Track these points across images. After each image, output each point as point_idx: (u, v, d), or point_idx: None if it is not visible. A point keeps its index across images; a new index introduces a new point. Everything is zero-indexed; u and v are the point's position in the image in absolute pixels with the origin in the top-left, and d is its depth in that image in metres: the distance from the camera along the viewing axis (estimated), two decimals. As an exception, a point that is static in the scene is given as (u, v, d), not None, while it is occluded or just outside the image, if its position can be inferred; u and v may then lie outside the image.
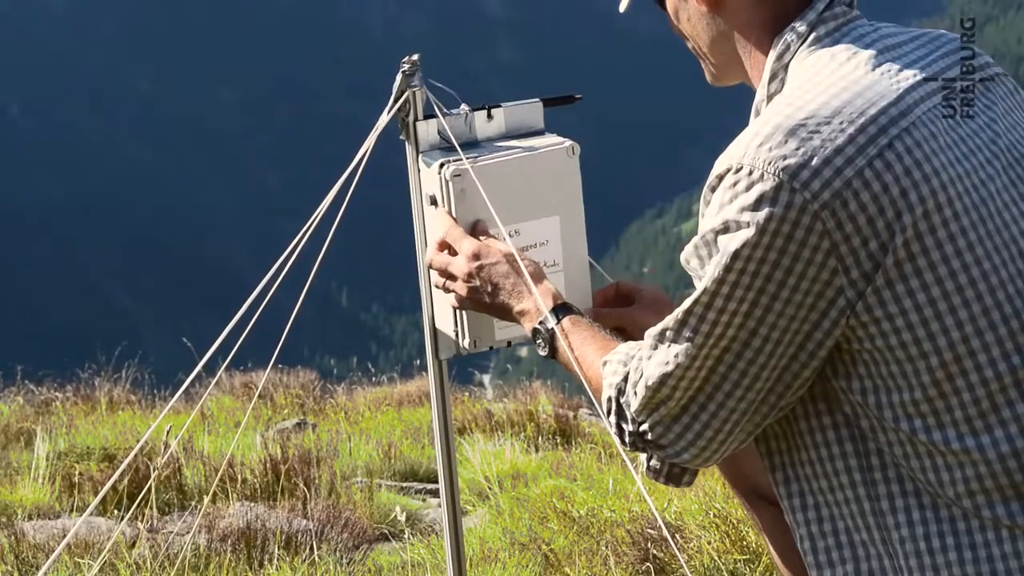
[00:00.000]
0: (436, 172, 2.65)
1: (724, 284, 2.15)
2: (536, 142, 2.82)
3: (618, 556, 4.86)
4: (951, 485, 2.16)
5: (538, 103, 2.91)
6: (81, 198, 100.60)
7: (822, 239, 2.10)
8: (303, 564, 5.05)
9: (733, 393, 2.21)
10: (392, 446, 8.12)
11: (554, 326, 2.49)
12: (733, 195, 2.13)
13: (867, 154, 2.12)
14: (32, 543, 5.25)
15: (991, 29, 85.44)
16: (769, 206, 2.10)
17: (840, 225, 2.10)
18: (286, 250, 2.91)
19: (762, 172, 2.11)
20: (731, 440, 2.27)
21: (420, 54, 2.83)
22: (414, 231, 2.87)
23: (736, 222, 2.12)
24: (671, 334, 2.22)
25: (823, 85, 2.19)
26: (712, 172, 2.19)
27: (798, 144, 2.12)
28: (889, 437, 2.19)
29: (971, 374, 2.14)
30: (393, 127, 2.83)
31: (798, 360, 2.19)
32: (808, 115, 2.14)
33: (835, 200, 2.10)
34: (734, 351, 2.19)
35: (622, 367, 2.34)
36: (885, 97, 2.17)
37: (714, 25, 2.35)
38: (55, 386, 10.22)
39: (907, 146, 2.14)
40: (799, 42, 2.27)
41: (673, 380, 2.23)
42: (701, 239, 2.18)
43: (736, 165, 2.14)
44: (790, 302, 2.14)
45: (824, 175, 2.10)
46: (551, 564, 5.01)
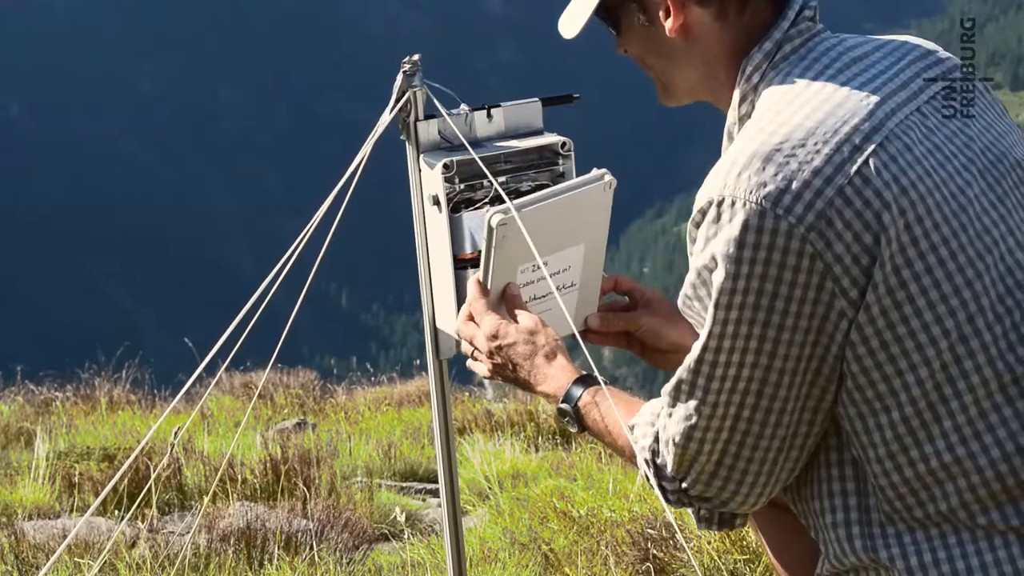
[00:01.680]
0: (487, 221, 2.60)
1: (727, 323, 2.14)
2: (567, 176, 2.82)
3: (618, 556, 4.86)
4: (943, 499, 2.17)
5: (537, 103, 2.91)
6: (81, 198, 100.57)
7: (814, 261, 2.10)
8: (303, 564, 5.05)
9: (763, 432, 2.21)
10: (392, 446, 8.11)
11: (577, 404, 2.47)
12: (717, 228, 2.12)
13: (845, 172, 2.11)
14: (32, 543, 5.25)
15: (991, 29, 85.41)
16: (756, 235, 2.09)
17: (829, 245, 2.09)
18: (286, 250, 2.91)
19: (744, 201, 2.10)
20: (775, 478, 2.26)
21: (420, 54, 2.83)
22: (414, 231, 2.87)
23: (725, 255, 2.11)
24: (686, 387, 2.21)
25: (794, 107, 2.18)
26: (694, 207, 2.18)
27: (776, 169, 2.11)
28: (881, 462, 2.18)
29: (959, 381, 2.14)
30: (393, 127, 2.83)
31: (818, 385, 2.18)
32: (783, 139, 2.13)
33: (820, 221, 2.09)
34: (753, 391, 2.18)
35: (650, 428, 2.33)
36: (857, 114, 2.17)
37: (681, 52, 2.33)
38: (55, 386, 10.22)
39: (883, 161, 2.13)
40: (766, 61, 2.26)
41: (699, 432, 2.22)
42: (697, 278, 2.17)
43: (717, 198, 2.13)
44: (796, 329, 2.13)
45: (805, 198, 2.09)
46: (551, 564, 5.01)
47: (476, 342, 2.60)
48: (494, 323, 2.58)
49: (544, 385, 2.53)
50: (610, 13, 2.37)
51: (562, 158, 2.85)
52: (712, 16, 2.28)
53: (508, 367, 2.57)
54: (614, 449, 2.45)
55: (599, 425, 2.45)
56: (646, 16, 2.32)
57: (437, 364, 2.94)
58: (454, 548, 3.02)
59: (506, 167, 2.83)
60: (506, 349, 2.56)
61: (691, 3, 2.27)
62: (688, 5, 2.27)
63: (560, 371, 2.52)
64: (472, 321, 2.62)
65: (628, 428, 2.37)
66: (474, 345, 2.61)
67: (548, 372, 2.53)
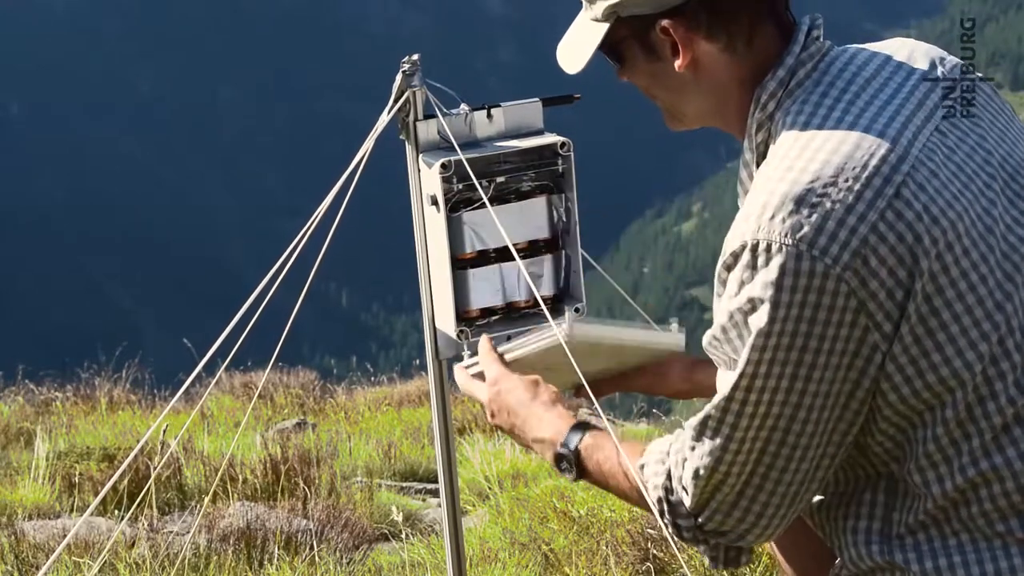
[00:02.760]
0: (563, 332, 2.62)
1: (761, 363, 2.14)
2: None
3: (618, 556, 4.86)
4: (966, 506, 2.19)
5: (537, 103, 2.91)
6: (81, 198, 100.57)
7: (848, 299, 2.10)
8: (303, 564, 5.05)
9: (788, 467, 2.21)
10: (392, 446, 8.11)
11: (577, 448, 2.44)
12: (753, 272, 2.12)
13: (877, 207, 2.11)
14: (32, 543, 5.25)
15: (991, 29, 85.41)
16: (793, 278, 2.09)
17: (864, 283, 2.10)
18: (286, 250, 2.91)
19: (780, 244, 2.10)
20: (793, 509, 2.27)
21: (420, 54, 2.83)
22: (414, 231, 2.87)
23: (761, 298, 2.11)
24: (714, 423, 2.21)
25: (817, 141, 2.17)
26: (725, 251, 2.17)
27: (809, 210, 2.11)
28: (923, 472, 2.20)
29: (989, 402, 2.17)
30: (393, 127, 2.83)
31: (844, 420, 2.19)
32: (812, 177, 2.13)
33: (855, 260, 2.10)
34: (781, 427, 2.18)
35: (661, 466, 2.32)
36: (882, 144, 2.16)
37: (690, 84, 2.31)
38: (55, 386, 10.21)
39: (913, 191, 2.14)
40: (781, 89, 2.26)
41: (724, 467, 2.22)
42: (729, 321, 2.16)
43: (751, 241, 2.12)
44: (828, 366, 2.14)
45: (840, 237, 2.10)
46: (551, 564, 5.01)
47: (477, 392, 2.60)
48: (496, 372, 2.59)
49: (540, 431, 2.50)
50: (613, 48, 2.35)
51: (562, 158, 2.85)
52: (720, 49, 2.26)
53: (505, 414, 2.55)
54: (618, 492, 2.42)
55: (600, 469, 2.42)
56: (651, 53, 2.31)
57: (437, 364, 2.94)
58: (454, 548, 3.02)
59: (505, 167, 2.83)
60: (505, 395, 2.55)
61: (699, 38, 2.26)
62: (696, 40, 2.26)
63: (558, 418, 2.50)
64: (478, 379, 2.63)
65: (638, 468, 2.35)
66: (475, 397, 2.61)
67: (545, 418, 2.51)
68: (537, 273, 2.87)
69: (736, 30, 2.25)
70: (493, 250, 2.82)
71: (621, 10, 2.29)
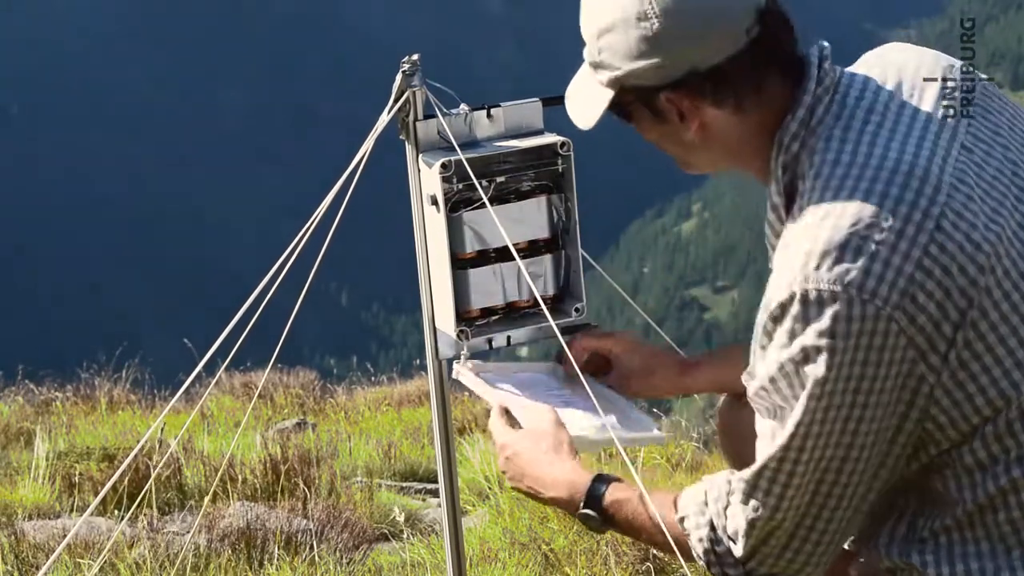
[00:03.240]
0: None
1: (817, 411, 2.15)
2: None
3: (618, 556, 4.86)
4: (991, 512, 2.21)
5: (537, 103, 2.91)
6: (81, 198, 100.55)
7: (899, 337, 2.12)
8: (303, 564, 5.04)
9: (839, 505, 2.23)
10: (392, 446, 8.10)
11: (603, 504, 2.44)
12: (805, 322, 2.13)
13: (920, 243, 2.12)
14: (32, 543, 5.25)
15: (991, 29, 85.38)
16: (846, 324, 2.11)
17: (913, 319, 2.12)
18: (286, 250, 2.91)
19: (829, 292, 2.11)
20: (841, 543, 2.29)
21: (420, 54, 2.83)
22: (414, 231, 2.87)
23: (816, 347, 2.12)
24: (770, 473, 2.22)
25: (851, 182, 2.17)
26: (771, 302, 2.17)
27: (854, 255, 2.11)
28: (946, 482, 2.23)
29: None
30: (393, 127, 2.83)
31: (892, 453, 2.22)
32: (853, 221, 2.13)
33: (904, 299, 2.11)
34: (835, 468, 2.19)
35: (702, 517, 2.33)
36: (914, 176, 2.16)
37: (699, 145, 2.31)
38: (55, 386, 10.21)
39: (952, 221, 2.14)
40: (803, 129, 2.24)
41: (780, 514, 2.23)
42: (779, 371, 2.17)
43: (800, 292, 2.13)
44: (879, 404, 2.15)
45: (888, 278, 2.11)
46: (551, 564, 5.01)
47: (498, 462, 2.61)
48: (502, 435, 2.60)
49: (553, 491, 2.50)
50: (620, 110, 2.35)
51: (561, 158, 2.85)
52: (730, 112, 2.26)
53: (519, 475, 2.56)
54: (650, 543, 2.43)
55: (631, 523, 2.42)
56: (658, 116, 2.30)
57: (437, 364, 2.94)
58: (454, 548, 3.02)
59: (505, 167, 2.83)
60: (513, 457, 2.56)
61: (705, 105, 2.25)
62: (702, 108, 2.26)
63: (569, 472, 2.49)
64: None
65: (678, 521, 2.36)
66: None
67: (555, 476, 2.50)
68: (537, 273, 2.87)
69: (742, 91, 2.24)
70: (493, 250, 2.83)
71: (624, 81, 2.29)
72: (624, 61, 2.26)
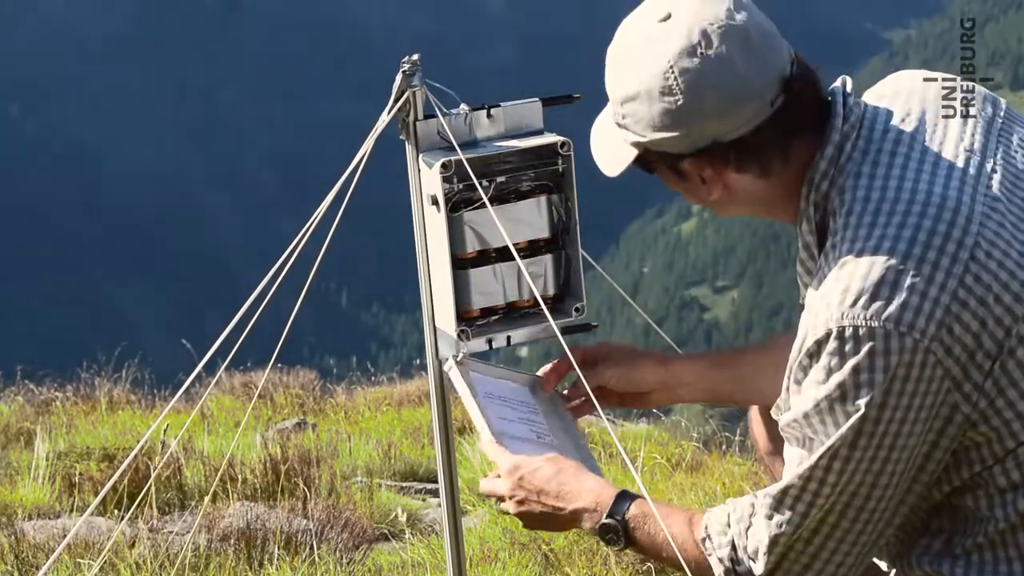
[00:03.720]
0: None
1: (848, 436, 2.15)
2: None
3: (618, 556, 4.86)
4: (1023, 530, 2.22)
5: (537, 103, 2.91)
6: (82, 198, 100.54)
7: (935, 369, 2.12)
8: (303, 564, 5.04)
9: (864, 529, 2.23)
10: (392, 446, 8.10)
11: (625, 517, 2.41)
12: (842, 359, 2.13)
13: (955, 274, 2.12)
14: (32, 543, 5.25)
15: (991, 29, 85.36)
16: (884, 358, 2.11)
17: (949, 351, 2.12)
18: (286, 250, 2.91)
19: (867, 327, 2.11)
20: (862, 565, 2.29)
21: (420, 54, 2.83)
22: (414, 231, 2.87)
23: (854, 383, 2.12)
24: (795, 491, 2.21)
25: (883, 217, 2.16)
26: (806, 339, 2.16)
27: (891, 289, 2.11)
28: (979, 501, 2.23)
29: None
30: (393, 127, 2.83)
31: (919, 480, 2.22)
32: (887, 256, 2.13)
33: (941, 330, 2.11)
34: (863, 494, 2.19)
35: (724, 537, 2.32)
36: (946, 207, 2.15)
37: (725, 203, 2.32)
38: (55, 386, 10.20)
39: (986, 251, 2.15)
40: (832, 167, 2.23)
41: (804, 533, 2.23)
42: (814, 408, 2.16)
43: (836, 328, 2.13)
44: (912, 434, 2.16)
45: (925, 310, 2.11)
46: (551, 564, 5.01)
47: (499, 487, 2.54)
48: (512, 458, 2.55)
49: (578, 501, 2.45)
50: (644, 165, 2.35)
51: (561, 158, 2.85)
52: (754, 176, 2.26)
53: (533, 498, 2.49)
54: (670, 562, 2.39)
55: (652, 540, 2.39)
56: (682, 178, 2.30)
57: (437, 364, 2.94)
58: (454, 548, 3.02)
59: (505, 167, 2.83)
60: (528, 477, 2.50)
61: (728, 171, 2.25)
62: (725, 174, 2.25)
63: (596, 484, 2.46)
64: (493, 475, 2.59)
65: (699, 540, 2.34)
66: (498, 494, 2.55)
67: (581, 487, 2.46)
68: (537, 273, 2.86)
69: (766, 158, 2.24)
70: (493, 250, 2.82)
71: (647, 146, 2.29)
72: (647, 130, 2.26)
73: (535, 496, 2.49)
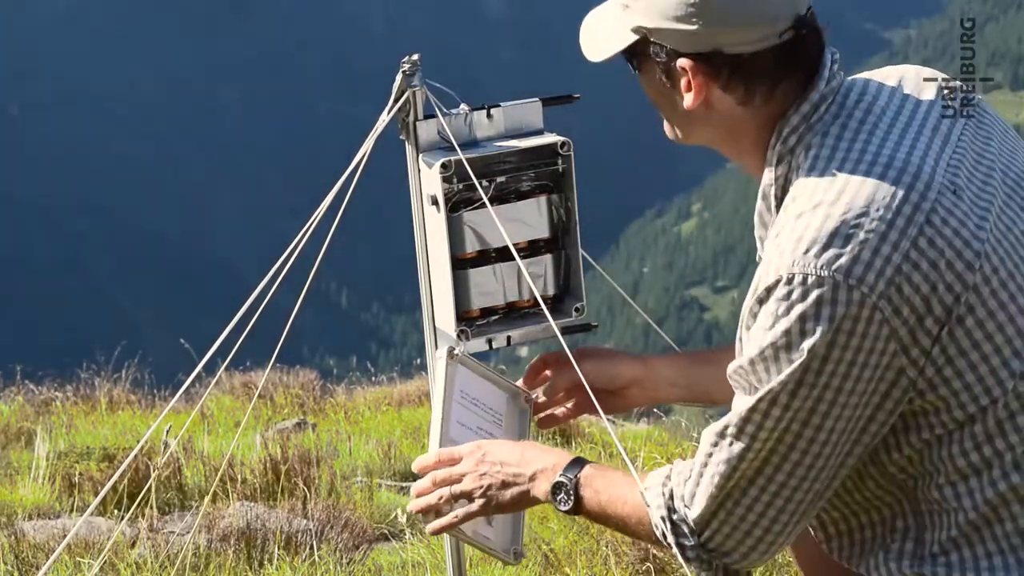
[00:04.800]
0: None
1: (790, 384, 2.16)
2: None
3: (618, 556, 4.86)
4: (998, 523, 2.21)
5: (537, 103, 2.91)
6: (81, 198, 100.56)
7: (881, 327, 2.13)
8: (303, 564, 5.04)
9: (800, 486, 2.22)
10: (392, 446, 8.10)
11: (578, 476, 2.44)
12: (789, 305, 2.14)
13: (909, 235, 2.14)
14: (32, 543, 5.25)
15: (991, 29, 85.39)
16: (831, 307, 2.12)
17: (897, 311, 2.12)
18: (286, 250, 2.91)
19: (817, 276, 2.12)
20: (797, 528, 2.28)
21: (420, 54, 2.83)
22: (414, 231, 2.87)
23: (799, 330, 2.13)
24: (733, 431, 2.22)
25: (845, 174, 2.19)
26: (758, 285, 2.18)
27: (844, 242, 2.13)
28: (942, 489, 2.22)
29: (1020, 417, 2.19)
30: (393, 127, 2.83)
31: (860, 443, 2.21)
32: (844, 210, 2.15)
33: (890, 288, 2.12)
34: (800, 448, 2.19)
35: (664, 488, 2.34)
36: (907, 172, 2.18)
37: (700, 118, 2.32)
38: (55, 386, 10.20)
39: (942, 218, 2.16)
40: (803, 123, 2.27)
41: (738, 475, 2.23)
42: (758, 354, 2.18)
43: (787, 275, 2.14)
44: (854, 392, 2.16)
45: (876, 266, 2.12)
46: (551, 564, 5.01)
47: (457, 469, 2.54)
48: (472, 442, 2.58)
49: (538, 464, 2.48)
50: (634, 56, 2.36)
51: (561, 158, 2.85)
52: (736, 101, 2.28)
53: (496, 466, 2.51)
54: (617, 521, 2.41)
55: (598, 498, 2.42)
56: (668, 78, 2.32)
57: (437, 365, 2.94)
58: (454, 548, 3.02)
59: (505, 167, 2.83)
60: (492, 451, 2.53)
61: (715, 86, 2.27)
62: (711, 87, 2.27)
63: (554, 452, 2.50)
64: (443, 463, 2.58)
65: (642, 493, 2.36)
66: (454, 478, 2.54)
67: (540, 454, 2.50)
68: (537, 273, 2.86)
69: (754, 86, 2.27)
70: (493, 250, 2.82)
71: (651, 34, 2.30)
72: (659, 18, 2.27)
73: (497, 467, 2.51)
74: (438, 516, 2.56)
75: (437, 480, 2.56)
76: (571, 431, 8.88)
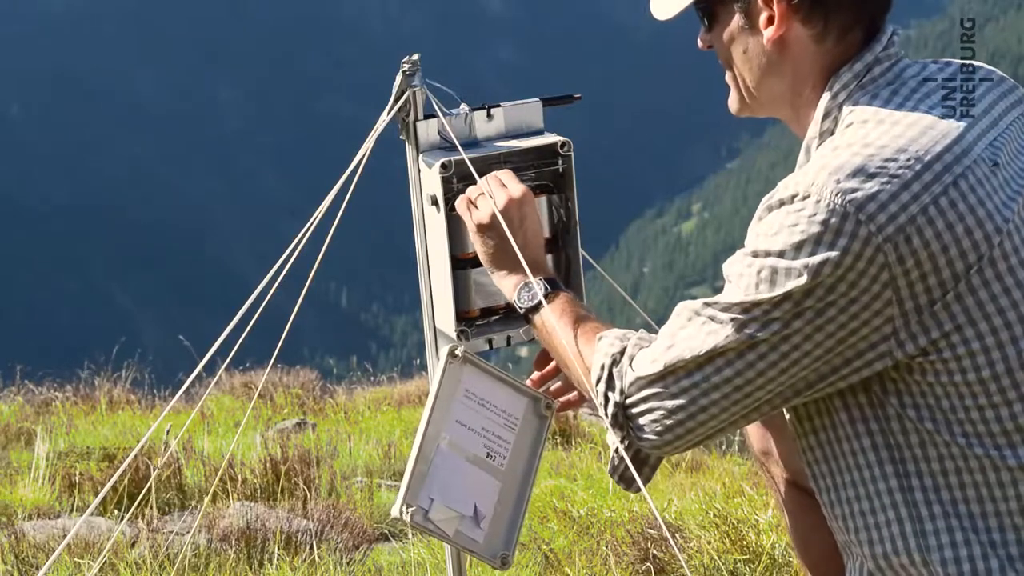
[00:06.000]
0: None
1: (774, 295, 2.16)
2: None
3: (618, 556, 4.85)
4: (1004, 500, 2.20)
5: (537, 103, 2.91)
6: (81, 198, 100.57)
7: (881, 271, 2.12)
8: (303, 564, 5.04)
9: (744, 388, 2.23)
10: (392, 446, 8.10)
11: (553, 289, 2.55)
12: (796, 220, 2.14)
13: (932, 191, 2.13)
14: (32, 543, 5.25)
15: (991, 29, 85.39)
16: (833, 235, 2.11)
17: (901, 259, 2.12)
18: (286, 250, 2.91)
19: (829, 203, 2.12)
20: (710, 435, 2.29)
21: (420, 54, 2.83)
22: (414, 231, 2.87)
23: (797, 245, 2.13)
24: (710, 313, 2.22)
25: (885, 125, 2.20)
26: (774, 193, 2.19)
27: (866, 178, 2.13)
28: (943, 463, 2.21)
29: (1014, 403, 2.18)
30: (393, 127, 2.83)
31: (816, 387, 2.22)
32: (876, 151, 2.15)
33: (899, 235, 2.11)
34: (759, 352, 2.20)
35: (618, 342, 2.36)
36: (948, 135, 2.19)
37: (773, 63, 2.34)
38: (55, 386, 10.21)
39: (970, 184, 2.16)
40: (855, 81, 2.29)
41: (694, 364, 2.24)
42: (753, 255, 2.18)
43: (803, 192, 2.14)
44: (836, 323, 2.16)
45: (890, 209, 2.12)
46: (551, 564, 5.01)
47: (499, 194, 2.64)
48: (526, 190, 2.66)
49: (536, 254, 2.62)
50: (708, 4, 2.37)
51: (562, 158, 2.85)
52: (811, 37, 2.30)
53: (518, 223, 2.62)
54: (559, 350, 2.49)
55: (556, 321, 2.50)
56: (747, 19, 2.33)
57: (438, 364, 2.94)
58: (454, 548, 3.02)
59: (505, 167, 2.82)
60: (528, 215, 2.64)
61: (795, 20, 2.28)
62: (791, 21, 2.29)
63: (550, 262, 2.64)
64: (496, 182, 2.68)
65: (596, 339, 2.40)
66: (486, 196, 2.64)
67: (541, 255, 2.64)
68: (537, 273, 2.86)
69: (833, 23, 2.29)
70: (493, 250, 2.82)
71: None
72: None
73: (518, 223, 2.63)
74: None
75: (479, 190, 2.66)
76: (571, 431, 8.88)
